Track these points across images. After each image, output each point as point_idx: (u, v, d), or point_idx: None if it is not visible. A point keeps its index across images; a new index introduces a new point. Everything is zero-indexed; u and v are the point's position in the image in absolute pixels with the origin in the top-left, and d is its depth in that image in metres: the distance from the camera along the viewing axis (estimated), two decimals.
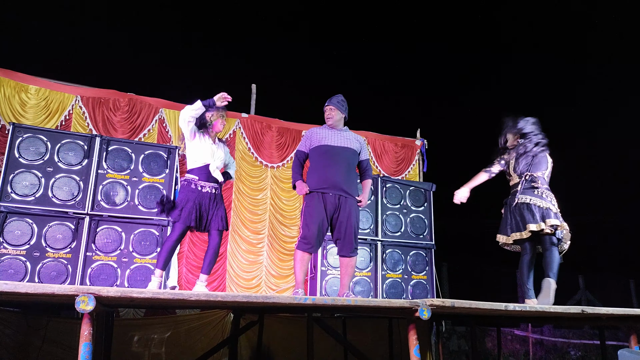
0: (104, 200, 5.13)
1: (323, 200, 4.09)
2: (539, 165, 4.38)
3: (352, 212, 4.16)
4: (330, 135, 4.29)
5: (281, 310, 5.23)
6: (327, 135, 4.29)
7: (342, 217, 4.12)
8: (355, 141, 4.37)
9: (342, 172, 4.17)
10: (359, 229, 6.15)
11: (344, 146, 4.26)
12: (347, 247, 4.13)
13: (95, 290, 2.45)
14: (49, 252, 4.84)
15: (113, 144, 5.34)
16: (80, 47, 12.78)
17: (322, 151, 4.22)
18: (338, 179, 4.13)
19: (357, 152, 4.36)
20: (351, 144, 4.31)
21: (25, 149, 4.98)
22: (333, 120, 4.33)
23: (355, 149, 4.33)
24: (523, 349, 9.74)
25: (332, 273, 6.08)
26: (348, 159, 4.26)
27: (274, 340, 6.04)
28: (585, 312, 3.78)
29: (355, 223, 4.20)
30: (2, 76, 5.87)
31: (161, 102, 6.63)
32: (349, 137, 4.34)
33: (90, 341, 2.44)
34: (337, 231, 4.16)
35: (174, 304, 4.19)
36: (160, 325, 5.80)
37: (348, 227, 4.11)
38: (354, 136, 4.42)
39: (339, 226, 4.14)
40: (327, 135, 4.29)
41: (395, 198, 6.64)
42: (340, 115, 4.37)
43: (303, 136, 4.47)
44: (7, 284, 2.41)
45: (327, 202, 4.09)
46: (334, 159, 4.20)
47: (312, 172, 4.25)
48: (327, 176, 4.11)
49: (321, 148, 4.23)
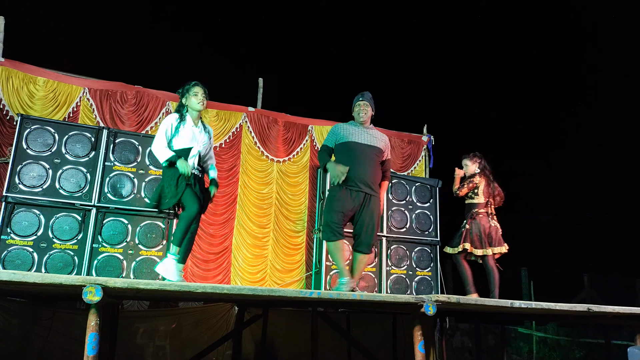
0: (110, 192, 5.14)
1: (349, 196, 4.06)
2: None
3: (376, 211, 4.15)
4: (359, 132, 4.25)
5: (286, 304, 5.25)
6: (355, 132, 4.25)
7: (366, 214, 4.09)
8: (381, 140, 4.33)
9: (369, 169, 4.14)
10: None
11: (371, 144, 4.23)
12: (365, 243, 4.11)
13: (102, 281, 2.46)
14: (55, 243, 4.86)
15: (120, 136, 5.35)
16: (88, 39, 12.79)
17: (349, 147, 4.18)
18: (365, 176, 4.10)
19: (383, 151, 4.32)
20: (378, 142, 4.28)
21: (33, 140, 5.00)
22: (366, 117, 4.30)
23: (381, 147, 4.29)
24: (527, 346, 9.73)
25: (336, 268, 6.07)
26: (375, 157, 4.23)
27: (278, 334, 6.06)
28: (591, 310, 3.77)
29: (377, 222, 4.19)
30: (11, 67, 5.88)
31: (168, 95, 6.63)
32: (376, 136, 4.31)
33: (97, 331, 2.45)
34: (358, 227, 4.14)
35: (180, 296, 4.21)
36: (165, 318, 5.83)
37: (370, 225, 4.10)
38: (380, 135, 4.38)
39: (361, 223, 4.11)
40: (355, 132, 4.25)
41: (401, 194, 6.63)
42: (371, 113, 4.36)
43: (329, 131, 4.41)
44: (15, 274, 2.43)
45: (353, 198, 4.06)
46: (361, 156, 4.16)
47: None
48: (354, 173, 4.07)
49: (349, 144, 4.19)
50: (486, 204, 5.16)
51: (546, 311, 3.95)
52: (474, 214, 5.08)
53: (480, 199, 5.16)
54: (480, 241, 5.00)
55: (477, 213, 5.08)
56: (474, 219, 5.05)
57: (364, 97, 4.35)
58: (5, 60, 5.88)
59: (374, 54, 19.31)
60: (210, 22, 16.26)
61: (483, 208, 5.14)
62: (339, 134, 4.27)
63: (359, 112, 4.31)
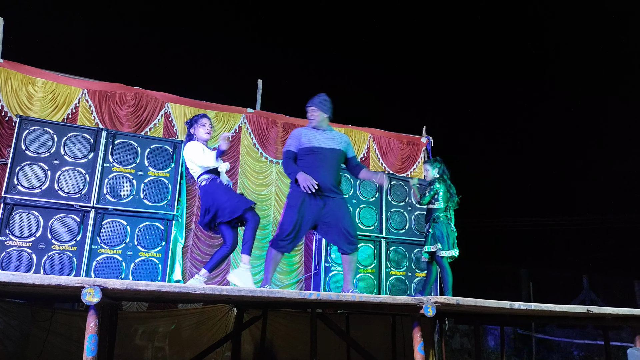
0: (109, 194, 5.14)
1: (309, 202, 4.05)
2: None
3: (343, 210, 4.13)
4: (318, 136, 4.23)
5: (285, 305, 5.24)
6: (315, 137, 4.22)
7: (332, 218, 4.08)
8: (342, 141, 4.32)
9: (330, 174, 4.13)
10: (363, 225, 6.22)
11: (332, 148, 4.21)
12: (346, 244, 4.09)
13: (101, 283, 2.45)
14: (54, 244, 4.85)
15: (119, 137, 5.34)
16: (87, 40, 12.80)
17: (310, 153, 4.16)
18: (327, 180, 4.09)
19: (344, 152, 4.32)
20: (339, 144, 4.27)
21: (31, 141, 4.99)
22: (316, 121, 4.26)
23: (342, 149, 4.29)
24: (526, 347, 9.73)
25: (335, 269, 6.08)
26: (336, 160, 4.23)
27: (277, 336, 6.06)
28: (590, 311, 3.77)
29: (349, 219, 4.15)
30: (10, 69, 5.88)
31: (167, 96, 6.62)
32: (335, 138, 4.29)
33: (96, 333, 2.44)
34: (331, 232, 4.12)
35: (179, 297, 4.20)
36: (164, 319, 5.83)
37: (342, 225, 4.07)
38: (340, 136, 4.37)
39: (331, 227, 4.09)
40: (314, 136, 4.22)
41: (400, 195, 6.63)
42: (324, 116, 4.28)
43: (290, 136, 4.37)
44: (14, 275, 2.42)
45: (313, 204, 4.05)
46: (325, 160, 4.14)
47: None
48: (318, 179, 4.04)
49: (310, 150, 4.17)
50: (445, 209, 5.42)
51: (545, 312, 3.95)
52: (435, 218, 5.28)
53: (440, 204, 5.40)
54: (443, 243, 5.22)
55: (438, 217, 5.30)
56: (436, 222, 5.21)
57: (312, 101, 4.30)
58: (4, 62, 5.88)
59: (374, 53, 19.33)
60: (209, 23, 16.26)
61: (442, 212, 5.39)
62: (301, 139, 4.25)
63: (309, 118, 4.31)
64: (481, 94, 18.99)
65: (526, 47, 19.61)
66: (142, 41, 12.92)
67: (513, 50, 18.80)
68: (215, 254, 4.18)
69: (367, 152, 7.66)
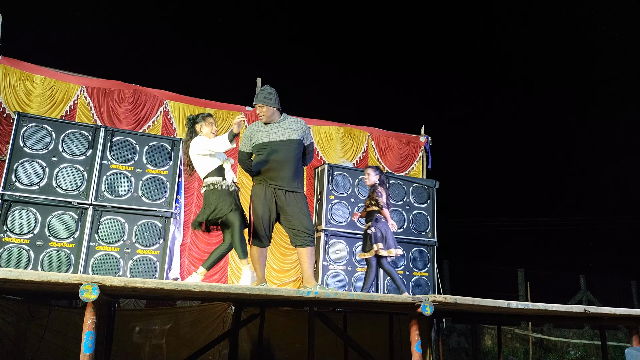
0: (107, 191, 5.13)
1: (269, 195, 4.11)
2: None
3: (301, 204, 4.17)
4: (271, 130, 4.20)
5: (283, 303, 5.25)
6: (268, 131, 4.19)
7: (292, 211, 4.11)
8: (297, 129, 4.27)
9: (288, 166, 4.15)
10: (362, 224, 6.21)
11: (287, 139, 4.19)
12: (300, 237, 4.12)
13: (99, 280, 2.45)
14: (52, 241, 4.85)
15: (117, 134, 5.34)
16: (86, 37, 12.78)
17: (264, 148, 4.17)
18: (285, 175, 4.11)
19: (301, 140, 4.28)
20: (294, 134, 4.23)
21: (30, 138, 4.98)
22: (266, 117, 4.23)
23: (299, 137, 4.25)
24: (523, 347, 9.75)
25: (333, 268, 6.08)
26: (294, 151, 4.21)
27: (275, 334, 6.06)
28: (587, 311, 3.78)
29: (307, 214, 4.18)
30: (8, 65, 5.86)
31: (166, 93, 6.61)
32: (290, 127, 4.25)
33: (93, 330, 2.44)
34: (289, 224, 4.16)
35: (177, 294, 4.20)
36: (162, 317, 5.82)
37: (300, 219, 4.11)
38: (295, 123, 4.31)
39: (290, 220, 4.13)
40: (268, 130, 4.20)
41: (399, 194, 6.64)
42: (272, 110, 4.24)
43: (243, 135, 4.36)
44: (11, 272, 2.41)
45: (273, 197, 4.11)
46: (281, 154, 4.14)
47: (258, 169, 4.21)
48: (274, 173, 4.09)
49: (263, 145, 4.17)
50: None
51: (543, 312, 3.96)
52: (378, 218, 5.30)
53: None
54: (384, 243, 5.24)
55: (380, 218, 5.31)
56: (378, 222, 5.25)
57: (256, 98, 4.26)
58: (2, 58, 5.86)
59: (373, 54, 19.34)
60: (208, 22, 16.26)
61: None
62: (254, 136, 4.25)
63: (259, 115, 4.29)
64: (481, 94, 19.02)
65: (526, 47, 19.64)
66: (141, 38, 12.90)
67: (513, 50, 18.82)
68: (213, 252, 4.17)
69: (365, 151, 7.66)
